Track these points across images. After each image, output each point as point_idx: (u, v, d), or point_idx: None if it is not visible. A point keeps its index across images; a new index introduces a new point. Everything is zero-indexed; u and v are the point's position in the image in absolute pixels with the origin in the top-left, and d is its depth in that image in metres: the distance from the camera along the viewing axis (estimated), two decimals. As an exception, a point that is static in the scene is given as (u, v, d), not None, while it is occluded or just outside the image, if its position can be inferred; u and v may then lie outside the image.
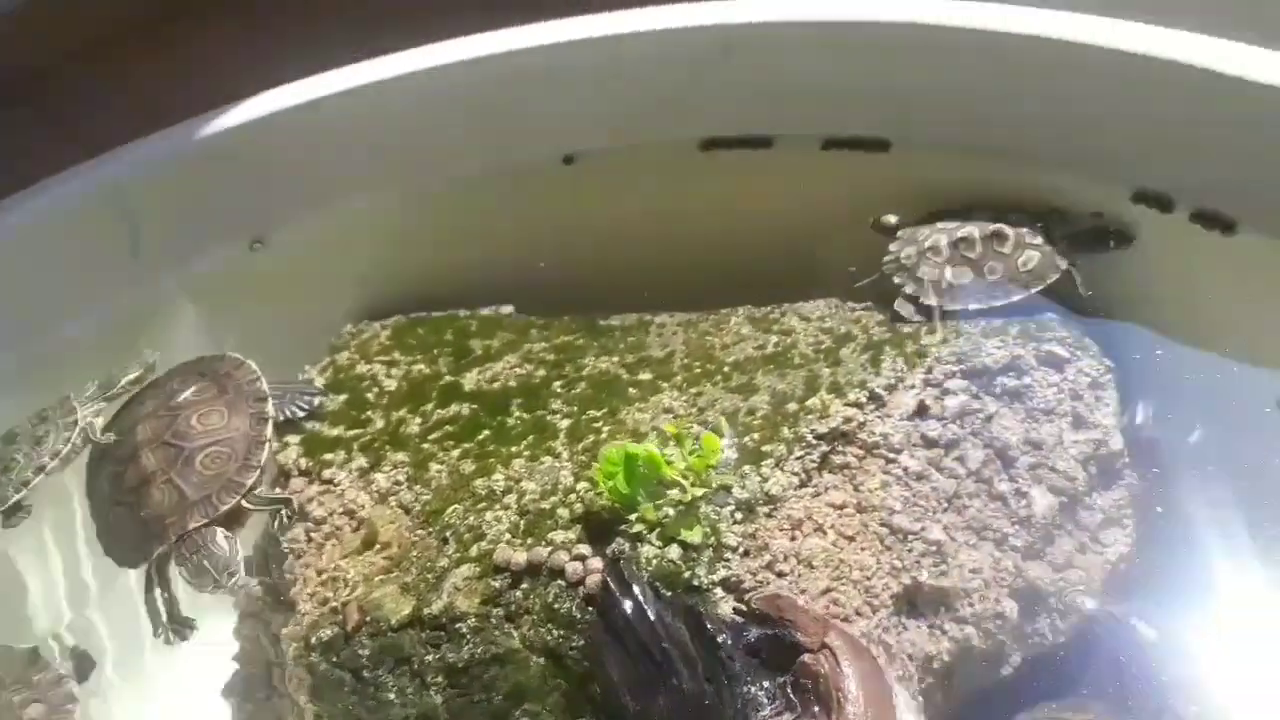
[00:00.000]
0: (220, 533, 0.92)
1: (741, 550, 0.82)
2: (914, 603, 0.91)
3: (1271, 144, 0.97)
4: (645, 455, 0.83)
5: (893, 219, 1.09)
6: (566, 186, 1.22)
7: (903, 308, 1.03)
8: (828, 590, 0.83)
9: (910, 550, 0.89)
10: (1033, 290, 1.00)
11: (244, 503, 0.95)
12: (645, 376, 1.02)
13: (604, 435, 0.93)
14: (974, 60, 1.06)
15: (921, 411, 0.95)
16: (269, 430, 0.99)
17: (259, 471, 0.97)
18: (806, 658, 0.72)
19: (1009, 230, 1.02)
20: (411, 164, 1.20)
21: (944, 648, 0.91)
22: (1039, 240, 1.01)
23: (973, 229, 1.03)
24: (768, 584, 0.81)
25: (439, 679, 0.80)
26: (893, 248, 1.06)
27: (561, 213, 1.22)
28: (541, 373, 1.04)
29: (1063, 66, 1.03)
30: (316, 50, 1.18)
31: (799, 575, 0.83)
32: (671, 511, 0.83)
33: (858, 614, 0.84)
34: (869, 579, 0.86)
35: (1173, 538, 1.01)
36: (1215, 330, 1.04)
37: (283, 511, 0.96)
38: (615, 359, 1.05)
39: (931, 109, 1.10)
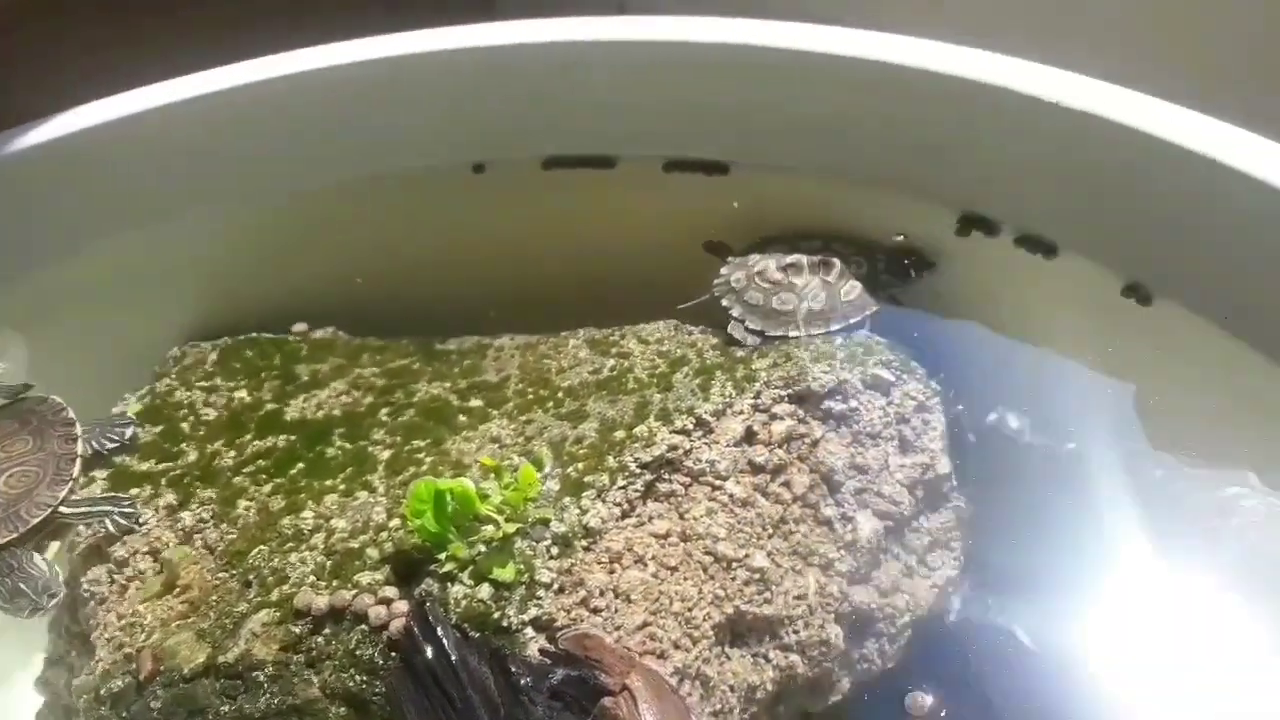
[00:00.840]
0: (36, 555, 0.88)
1: (556, 587, 0.80)
2: (737, 632, 0.90)
3: (1087, 168, 1.00)
4: (457, 491, 0.80)
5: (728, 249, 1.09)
6: (406, 205, 1.19)
7: (735, 330, 1.03)
8: (645, 625, 0.82)
9: (734, 578, 0.89)
10: (853, 320, 1.01)
11: (64, 517, 0.91)
12: (476, 403, 0.99)
13: (425, 467, 0.90)
14: (808, 84, 1.07)
15: (749, 437, 0.94)
16: (80, 447, 0.95)
17: (70, 484, 0.92)
18: (607, 701, 0.71)
19: (835, 260, 1.03)
20: (243, 180, 1.16)
21: (768, 677, 0.91)
22: (863, 269, 1.02)
23: (801, 256, 1.03)
24: (581, 621, 0.79)
25: (234, 731, 0.76)
26: (724, 270, 1.06)
27: (401, 231, 1.19)
28: (369, 399, 1.01)
29: (894, 91, 1.05)
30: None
31: (615, 610, 0.81)
32: (484, 548, 0.81)
33: (676, 647, 0.83)
34: (690, 610, 0.85)
35: (1002, 559, 1.03)
36: (1041, 351, 1.07)
37: (114, 514, 0.91)
38: (448, 384, 1.02)
39: (769, 133, 1.10)
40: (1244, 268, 0.94)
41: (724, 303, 1.03)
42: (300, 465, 0.93)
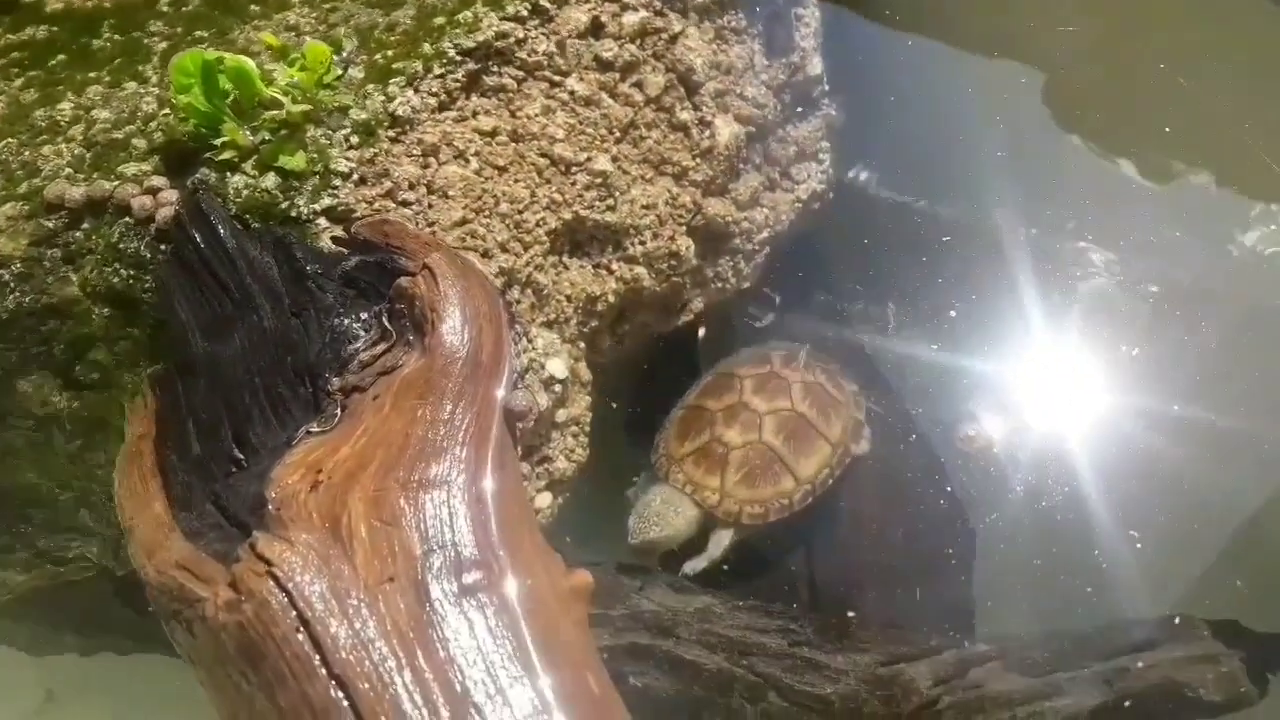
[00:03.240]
0: None
1: (356, 178, 0.70)
2: (577, 240, 0.82)
3: None
4: (231, 65, 0.68)
5: None
6: None
7: None
8: (464, 222, 0.73)
9: (573, 183, 0.80)
10: None
11: None
12: (274, -9, 0.85)
13: (207, 56, 0.77)
14: None
15: (595, 29, 0.82)
16: None
17: None
18: (403, 280, 0.63)
19: None
20: None
21: (610, 288, 0.83)
22: None
23: None
24: (387, 213, 0.70)
25: (-18, 335, 0.67)
26: None
27: None
28: (148, -9, 0.86)
29: None
30: None
31: (429, 205, 0.72)
32: (269, 135, 0.69)
33: (503, 249, 0.74)
34: (521, 213, 0.76)
35: (873, 171, 0.96)
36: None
37: None
38: (242, -26, 0.87)
39: None
40: None
41: None
42: (61, 57, 0.79)
